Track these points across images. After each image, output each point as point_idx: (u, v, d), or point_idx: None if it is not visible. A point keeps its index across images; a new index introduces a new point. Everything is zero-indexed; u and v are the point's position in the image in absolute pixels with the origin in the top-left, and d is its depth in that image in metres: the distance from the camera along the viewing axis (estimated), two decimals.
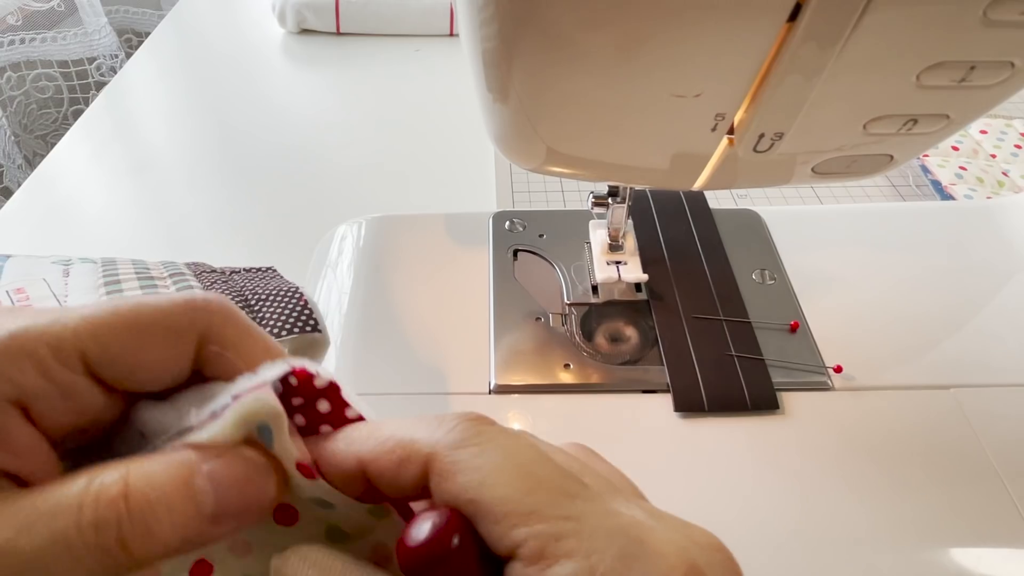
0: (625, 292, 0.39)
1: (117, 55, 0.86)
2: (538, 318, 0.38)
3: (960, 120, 0.24)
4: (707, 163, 0.27)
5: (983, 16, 0.19)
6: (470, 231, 0.44)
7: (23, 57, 0.80)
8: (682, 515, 0.17)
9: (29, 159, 0.82)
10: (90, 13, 0.82)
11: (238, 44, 0.77)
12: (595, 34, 0.21)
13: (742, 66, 0.22)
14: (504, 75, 0.24)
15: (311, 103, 0.67)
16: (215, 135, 0.62)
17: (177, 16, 0.83)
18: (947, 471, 0.31)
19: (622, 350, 0.37)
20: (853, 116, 0.24)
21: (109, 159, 0.60)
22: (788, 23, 0.20)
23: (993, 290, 0.39)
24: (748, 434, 0.33)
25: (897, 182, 0.56)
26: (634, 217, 0.43)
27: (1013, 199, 0.46)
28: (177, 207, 0.55)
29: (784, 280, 0.40)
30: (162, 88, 0.70)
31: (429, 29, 0.75)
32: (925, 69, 0.21)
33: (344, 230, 0.45)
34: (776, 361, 0.35)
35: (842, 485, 0.31)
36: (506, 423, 0.33)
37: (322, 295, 0.41)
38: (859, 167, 0.28)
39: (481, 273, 0.41)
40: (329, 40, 0.76)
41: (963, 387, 0.34)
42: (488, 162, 0.57)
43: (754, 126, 0.24)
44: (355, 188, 0.55)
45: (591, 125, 0.25)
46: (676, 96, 0.23)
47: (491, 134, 0.28)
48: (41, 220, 0.53)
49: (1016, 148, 0.59)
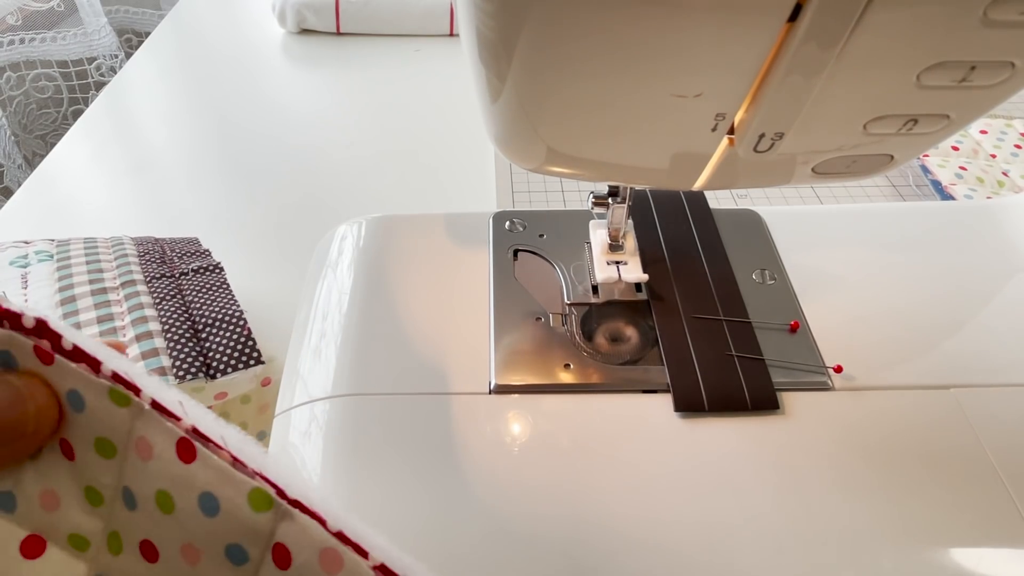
0: (625, 292, 0.39)
1: (117, 55, 0.87)
2: (538, 318, 0.38)
3: (960, 120, 0.24)
4: (707, 163, 0.27)
5: (983, 16, 0.19)
6: (470, 231, 0.44)
7: (23, 57, 0.80)
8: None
9: (29, 159, 0.82)
10: (90, 13, 0.82)
11: (238, 44, 0.77)
12: (595, 34, 0.21)
13: (742, 66, 0.22)
14: (504, 75, 0.24)
15: (311, 103, 0.67)
16: (215, 135, 0.62)
17: (177, 16, 0.83)
18: (947, 471, 0.31)
19: (622, 350, 0.37)
20: (853, 116, 0.24)
21: (109, 159, 0.60)
22: (788, 23, 0.20)
23: (993, 290, 0.39)
24: (748, 434, 0.33)
25: (897, 182, 0.56)
26: (634, 217, 0.43)
27: (1013, 199, 0.46)
28: (177, 207, 0.55)
29: (784, 280, 0.40)
30: (162, 88, 0.70)
31: (429, 29, 0.76)
32: (925, 69, 0.21)
33: (344, 230, 0.45)
34: (776, 361, 0.35)
35: (842, 485, 0.31)
36: (506, 423, 0.33)
37: (322, 295, 0.41)
38: (859, 167, 0.28)
39: (481, 273, 0.41)
40: (329, 40, 0.76)
41: (963, 387, 0.34)
42: (488, 162, 0.57)
43: (754, 126, 0.24)
44: (355, 188, 0.55)
45: (591, 125, 0.25)
46: (676, 96, 0.23)
47: (491, 134, 0.28)
48: (41, 220, 0.53)
49: (1016, 148, 0.59)
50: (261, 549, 0.17)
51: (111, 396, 0.18)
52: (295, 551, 0.17)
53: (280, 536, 0.17)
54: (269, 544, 0.17)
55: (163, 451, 0.18)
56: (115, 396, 0.18)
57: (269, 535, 0.17)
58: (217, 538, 0.18)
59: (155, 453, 0.18)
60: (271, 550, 0.17)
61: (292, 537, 0.17)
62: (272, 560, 0.17)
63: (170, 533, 0.18)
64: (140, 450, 0.18)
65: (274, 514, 0.17)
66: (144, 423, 0.18)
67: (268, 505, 0.17)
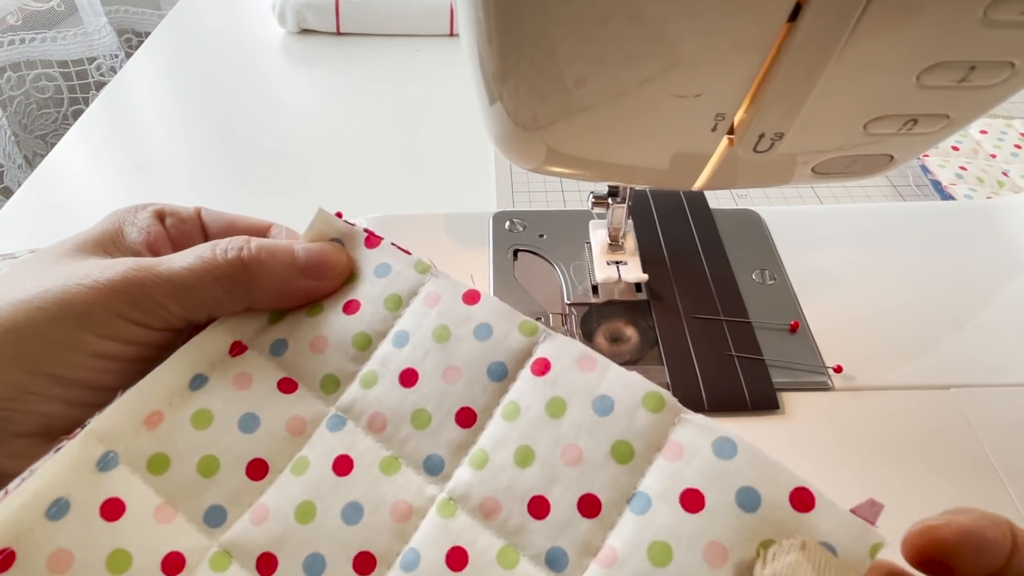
0: (625, 292, 0.39)
1: (117, 55, 0.87)
2: (538, 318, 0.38)
3: (960, 120, 0.24)
4: (707, 163, 0.27)
5: (983, 16, 0.19)
6: (470, 231, 0.44)
7: (23, 57, 0.80)
8: None
9: (29, 159, 0.82)
10: (90, 13, 0.82)
11: (238, 44, 0.77)
12: (595, 34, 0.21)
13: (742, 66, 0.22)
14: (504, 75, 0.24)
15: (311, 103, 0.67)
16: (215, 135, 0.62)
17: (177, 16, 0.83)
18: (947, 471, 0.31)
19: (622, 350, 0.37)
20: (853, 116, 0.24)
21: (109, 159, 0.60)
22: (788, 23, 0.20)
23: (993, 290, 0.39)
24: (748, 434, 0.33)
25: (897, 182, 0.56)
26: (634, 217, 0.43)
27: (1013, 199, 0.46)
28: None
29: (784, 280, 0.40)
30: (162, 88, 0.70)
31: (429, 29, 0.75)
32: (925, 69, 0.21)
33: None
34: (776, 361, 0.35)
35: (842, 485, 0.31)
36: None
37: None
38: (859, 167, 0.28)
39: (481, 273, 0.41)
40: (329, 40, 0.76)
41: (963, 387, 0.34)
42: (488, 162, 0.57)
43: (754, 126, 0.24)
44: (355, 188, 0.55)
45: (591, 125, 0.25)
46: (676, 96, 0.23)
47: (491, 134, 0.28)
48: (41, 220, 0.53)
49: (1016, 148, 0.59)
50: (519, 363, 0.22)
51: (416, 266, 0.24)
52: (554, 360, 0.22)
53: (540, 352, 0.22)
54: (528, 359, 0.22)
55: (450, 298, 0.23)
56: (420, 266, 0.24)
57: (528, 353, 0.22)
58: (482, 358, 0.22)
59: (442, 300, 0.23)
60: (531, 365, 0.22)
61: (551, 350, 0.22)
62: (530, 370, 0.22)
63: (434, 360, 0.22)
64: (427, 301, 0.24)
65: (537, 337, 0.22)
66: (436, 282, 0.24)
67: (534, 331, 0.22)
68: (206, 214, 0.27)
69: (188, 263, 0.22)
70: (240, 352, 0.23)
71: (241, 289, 0.23)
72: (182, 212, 0.26)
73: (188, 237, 0.26)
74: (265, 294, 0.23)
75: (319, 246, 0.24)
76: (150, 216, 0.25)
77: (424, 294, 0.24)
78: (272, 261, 0.23)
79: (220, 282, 0.22)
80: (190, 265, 0.22)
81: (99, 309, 0.20)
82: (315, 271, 0.24)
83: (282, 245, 0.24)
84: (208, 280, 0.22)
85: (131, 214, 0.25)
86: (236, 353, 0.23)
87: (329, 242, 0.25)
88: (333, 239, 0.25)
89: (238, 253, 0.23)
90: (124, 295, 0.21)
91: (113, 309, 0.21)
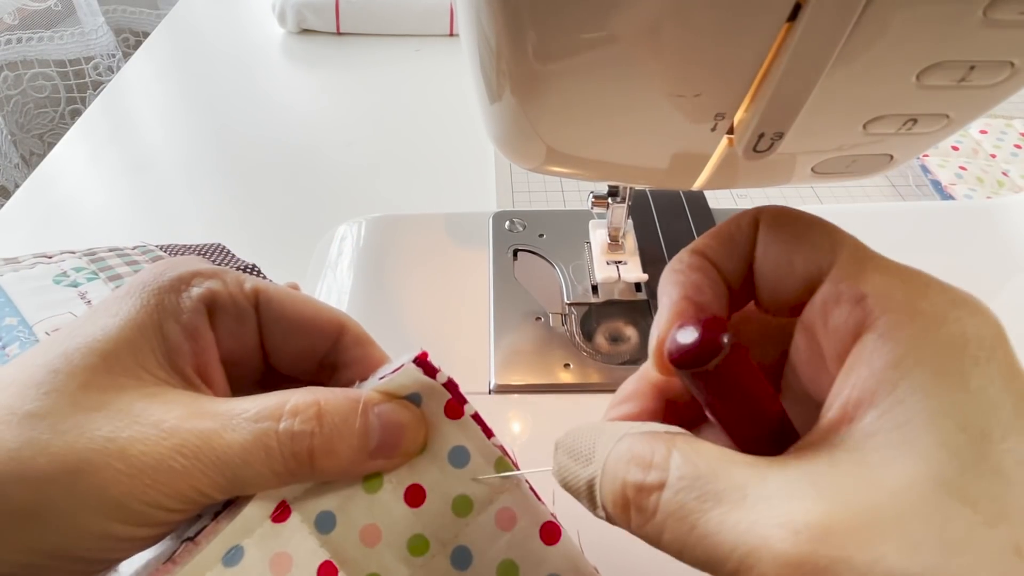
0: (625, 292, 0.39)
1: (114, 55, 0.87)
2: (538, 318, 0.38)
3: (960, 120, 0.24)
4: (707, 163, 0.27)
5: (983, 16, 0.19)
6: (470, 231, 0.44)
7: (20, 56, 0.80)
8: None
9: (26, 158, 0.82)
10: (87, 13, 0.82)
11: (238, 44, 0.77)
12: (595, 34, 0.21)
13: (742, 66, 0.22)
14: (504, 75, 0.24)
15: (311, 103, 0.67)
16: (214, 135, 0.62)
17: (176, 16, 0.83)
18: None
19: (622, 350, 0.37)
20: (853, 116, 0.24)
21: (108, 159, 0.60)
22: (788, 23, 0.20)
23: (993, 290, 0.39)
24: None
25: (897, 182, 0.56)
26: (634, 217, 0.43)
27: (1013, 199, 0.46)
28: (176, 207, 0.55)
29: None
30: (161, 88, 0.70)
31: (429, 29, 0.75)
32: (925, 69, 0.21)
33: (344, 230, 0.45)
34: None
35: None
36: (506, 423, 0.33)
37: (322, 295, 0.41)
38: (859, 167, 0.28)
39: (481, 273, 0.41)
40: (329, 40, 0.76)
41: None
42: (488, 162, 0.57)
43: (754, 126, 0.24)
44: (355, 188, 0.55)
45: (591, 125, 0.25)
46: (676, 96, 0.23)
47: (491, 134, 0.28)
48: (41, 220, 0.53)
49: (1016, 148, 0.59)
50: None
51: (497, 464, 0.21)
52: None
53: None
54: None
55: (525, 527, 0.21)
56: (500, 464, 0.21)
57: None
58: None
59: (516, 527, 0.21)
60: None
61: None
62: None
63: None
64: (500, 520, 0.21)
65: None
66: (512, 496, 0.21)
67: None
68: (264, 302, 0.22)
69: (244, 444, 0.18)
70: (284, 517, 0.20)
71: (298, 479, 0.20)
72: (239, 304, 0.22)
73: (241, 341, 0.22)
74: (325, 477, 0.20)
75: (395, 416, 0.20)
76: (197, 314, 0.21)
77: (498, 507, 0.21)
78: (341, 444, 0.19)
79: (278, 476, 0.19)
80: (246, 447, 0.18)
81: (136, 503, 0.18)
82: (388, 451, 0.20)
83: (352, 412, 0.20)
84: (265, 473, 0.19)
85: (173, 300, 0.20)
86: (279, 518, 0.20)
87: (405, 406, 0.21)
88: (411, 393, 0.21)
89: (308, 443, 0.19)
90: (166, 487, 0.18)
91: (151, 502, 0.18)
